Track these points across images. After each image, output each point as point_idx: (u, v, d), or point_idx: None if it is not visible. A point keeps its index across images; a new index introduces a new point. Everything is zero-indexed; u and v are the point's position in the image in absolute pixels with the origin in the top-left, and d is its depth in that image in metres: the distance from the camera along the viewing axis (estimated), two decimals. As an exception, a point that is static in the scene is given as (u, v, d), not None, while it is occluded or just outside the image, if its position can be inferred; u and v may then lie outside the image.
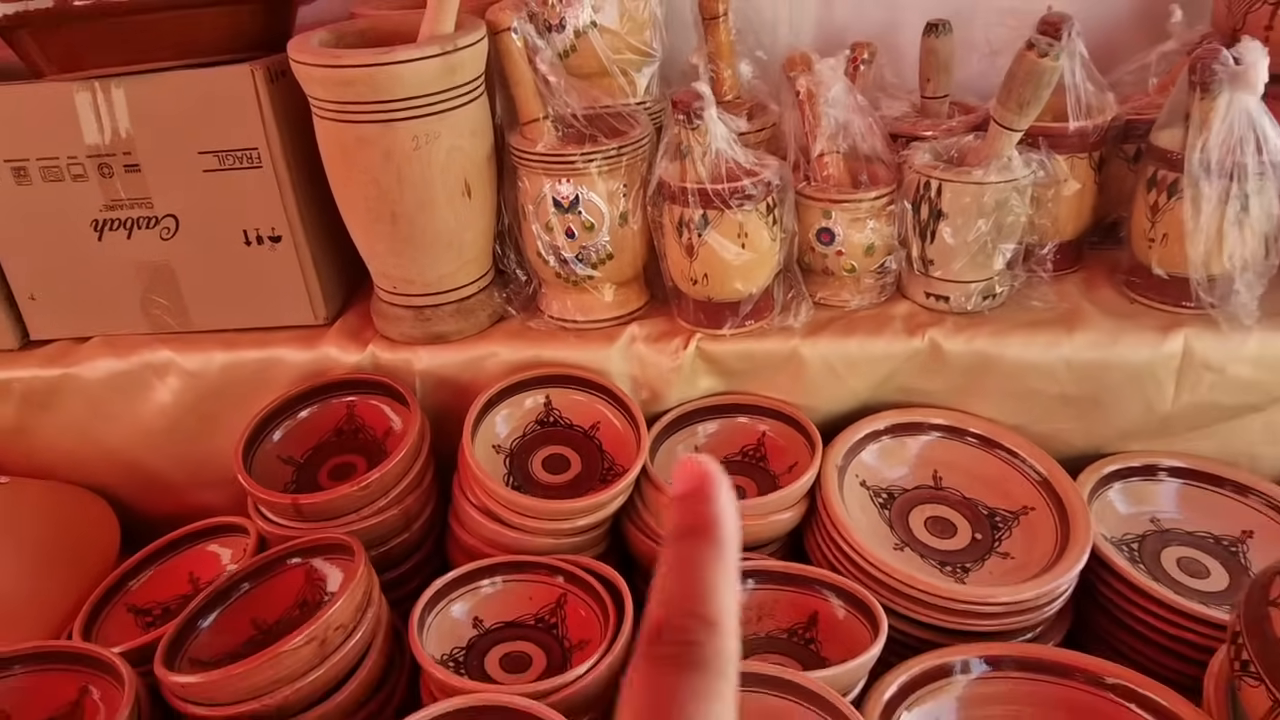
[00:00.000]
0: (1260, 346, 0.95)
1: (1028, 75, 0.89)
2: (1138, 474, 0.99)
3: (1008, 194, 0.95)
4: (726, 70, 1.09)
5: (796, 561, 0.90)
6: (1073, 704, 0.76)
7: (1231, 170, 0.89)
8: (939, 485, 1.00)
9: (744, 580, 0.86)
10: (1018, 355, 0.98)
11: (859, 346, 1.00)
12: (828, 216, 1.01)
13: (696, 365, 1.02)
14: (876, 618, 0.79)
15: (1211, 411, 0.99)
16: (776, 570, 0.86)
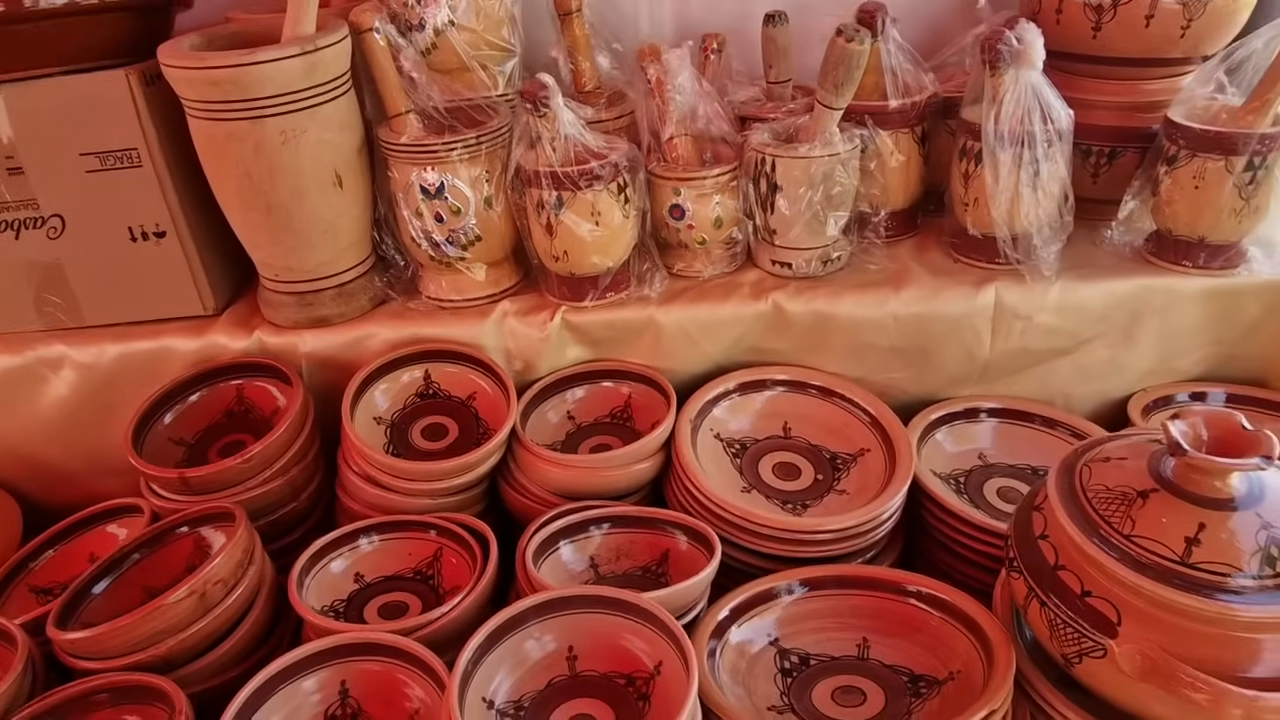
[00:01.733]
0: (1061, 296, 1.07)
1: (839, 59, 0.99)
2: (961, 417, 1.11)
3: (833, 166, 1.05)
4: (584, 62, 1.17)
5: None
6: (881, 612, 0.86)
7: (1022, 138, 1.01)
8: (788, 435, 1.10)
9: (603, 525, 0.94)
10: (851, 313, 1.08)
11: (710, 312, 1.09)
12: (677, 194, 1.10)
13: (563, 336, 1.10)
14: (713, 546, 0.88)
15: (1025, 356, 1.10)
16: (632, 515, 0.95)
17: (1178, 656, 0.67)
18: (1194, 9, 1.03)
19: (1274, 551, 0.67)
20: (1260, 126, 0.97)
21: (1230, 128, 0.99)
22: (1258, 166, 0.98)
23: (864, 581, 0.88)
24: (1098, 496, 0.73)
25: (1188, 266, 1.06)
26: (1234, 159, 0.98)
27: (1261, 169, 0.98)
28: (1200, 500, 0.69)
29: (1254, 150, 0.97)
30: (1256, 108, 0.98)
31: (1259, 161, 0.98)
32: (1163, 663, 0.66)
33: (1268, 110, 0.97)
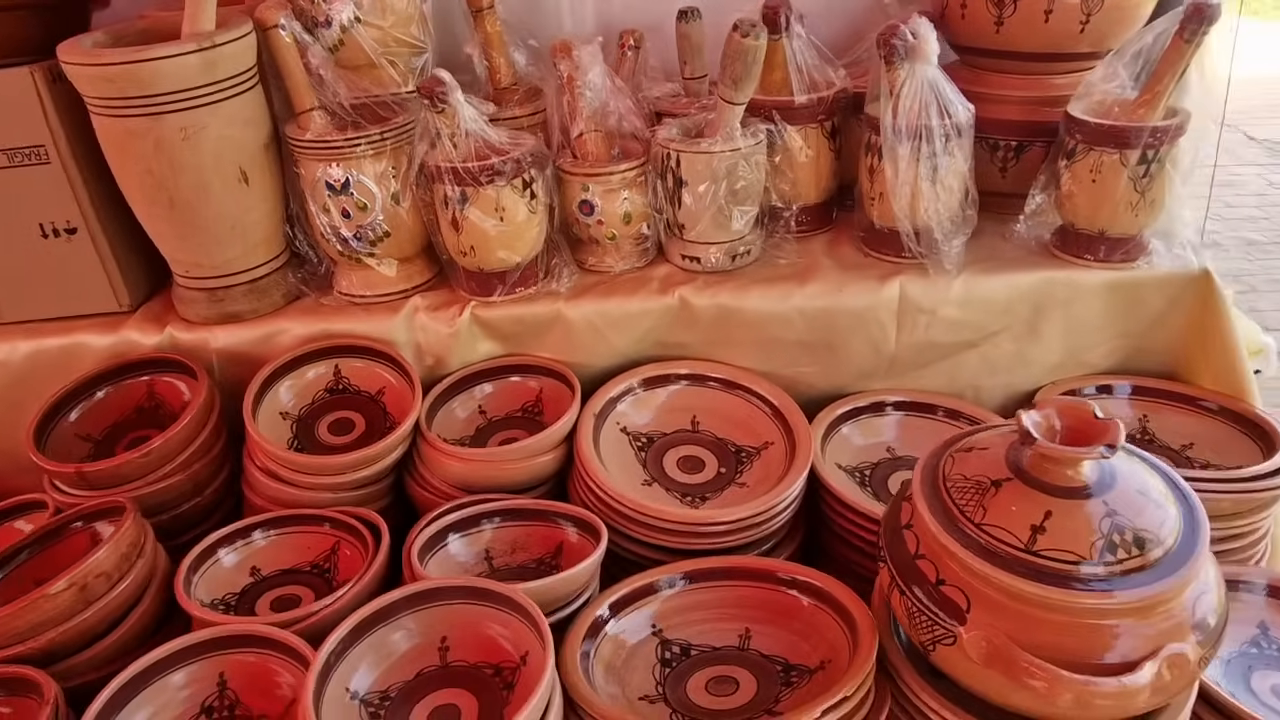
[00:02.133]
0: (965, 289, 1.07)
1: (735, 54, 1.00)
2: (867, 411, 1.11)
3: (735, 161, 1.06)
4: (499, 59, 1.18)
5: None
6: (762, 602, 0.87)
7: (920, 133, 1.01)
8: (696, 428, 1.10)
9: (495, 519, 0.95)
10: (756, 307, 1.08)
11: (617, 307, 1.10)
12: (586, 190, 1.10)
13: (473, 331, 1.11)
14: (599, 537, 0.89)
15: (931, 350, 1.11)
16: (523, 508, 0.96)
17: (1025, 643, 0.67)
18: (1092, 4, 1.03)
19: (1117, 539, 0.67)
20: (1151, 120, 0.98)
21: (1123, 121, 0.99)
22: (1151, 160, 0.99)
23: (745, 572, 0.89)
24: (956, 486, 0.74)
25: (1089, 260, 1.07)
26: (1128, 152, 0.99)
27: (1155, 162, 0.99)
28: (1050, 489, 0.70)
29: (1146, 144, 0.98)
30: (1147, 101, 0.98)
31: (1152, 155, 0.99)
32: (1004, 649, 0.67)
33: (1158, 104, 0.98)
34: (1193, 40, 0.93)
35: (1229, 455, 1.05)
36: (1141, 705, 0.66)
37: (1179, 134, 0.98)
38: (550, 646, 0.70)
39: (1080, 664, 0.66)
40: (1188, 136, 1.00)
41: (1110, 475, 0.71)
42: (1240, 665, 0.90)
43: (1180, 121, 0.98)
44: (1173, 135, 0.98)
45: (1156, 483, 0.72)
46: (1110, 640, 0.66)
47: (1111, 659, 0.66)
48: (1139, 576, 0.66)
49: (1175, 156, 0.99)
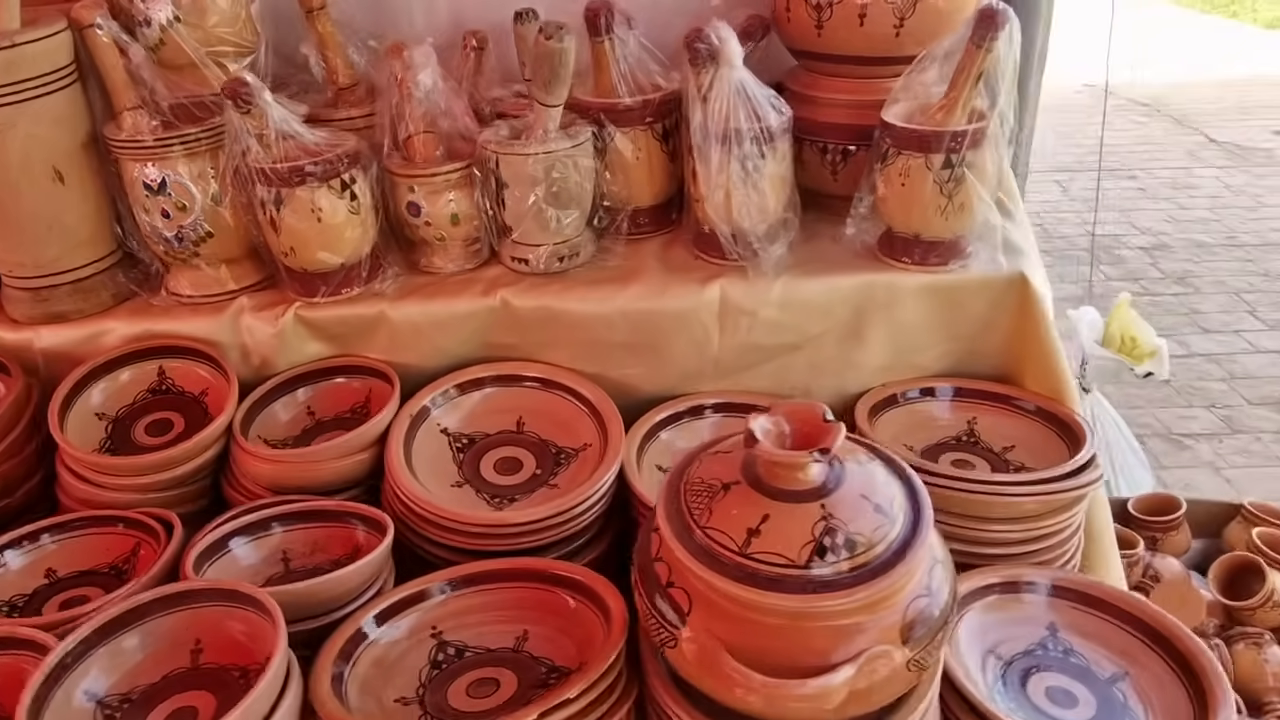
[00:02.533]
0: (784, 292, 1.08)
1: (542, 57, 1.00)
2: (687, 414, 1.12)
3: (552, 163, 1.06)
4: (335, 59, 1.18)
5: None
6: (539, 603, 0.87)
7: (729, 135, 1.01)
8: (520, 429, 1.11)
9: (286, 522, 0.95)
10: (578, 309, 1.09)
11: (442, 308, 1.10)
12: (412, 191, 1.11)
13: (298, 332, 1.11)
14: (384, 530, 0.90)
15: (756, 352, 1.11)
16: (318, 509, 0.96)
17: (740, 645, 0.68)
18: (904, 8, 1.04)
19: (828, 542, 0.68)
20: (952, 124, 0.98)
21: (926, 125, 1.00)
22: (955, 164, 0.99)
23: (521, 573, 0.89)
24: (692, 489, 0.74)
25: (907, 263, 1.07)
26: (932, 156, 0.99)
27: (960, 166, 1.00)
28: (771, 492, 0.70)
29: (949, 147, 0.98)
30: (946, 105, 0.99)
31: (956, 159, 0.99)
32: (711, 651, 0.67)
33: (957, 108, 0.98)
34: (983, 45, 0.93)
35: (1045, 457, 1.05)
36: (840, 707, 0.66)
37: (979, 139, 0.98)
38: (281, 648, 0.71)
39: (789, 666, 0.67)
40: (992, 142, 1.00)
41: (836, 479, 0.71)
42: (1022, 666, 0.90)
43: (981, 127, 0.98)
44: (972, 140, 0.98)
45: (888, 486, 0.73)
46: (814, 643, 0.67)
47: (816, 661, 0.66)
48: (844, 579, 0.66)
49: (979, 161, 0.99)
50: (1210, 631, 1.35)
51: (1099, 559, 1.11)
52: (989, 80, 0.96)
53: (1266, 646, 1.29)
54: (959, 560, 0.98)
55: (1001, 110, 0.97)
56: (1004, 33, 0.92)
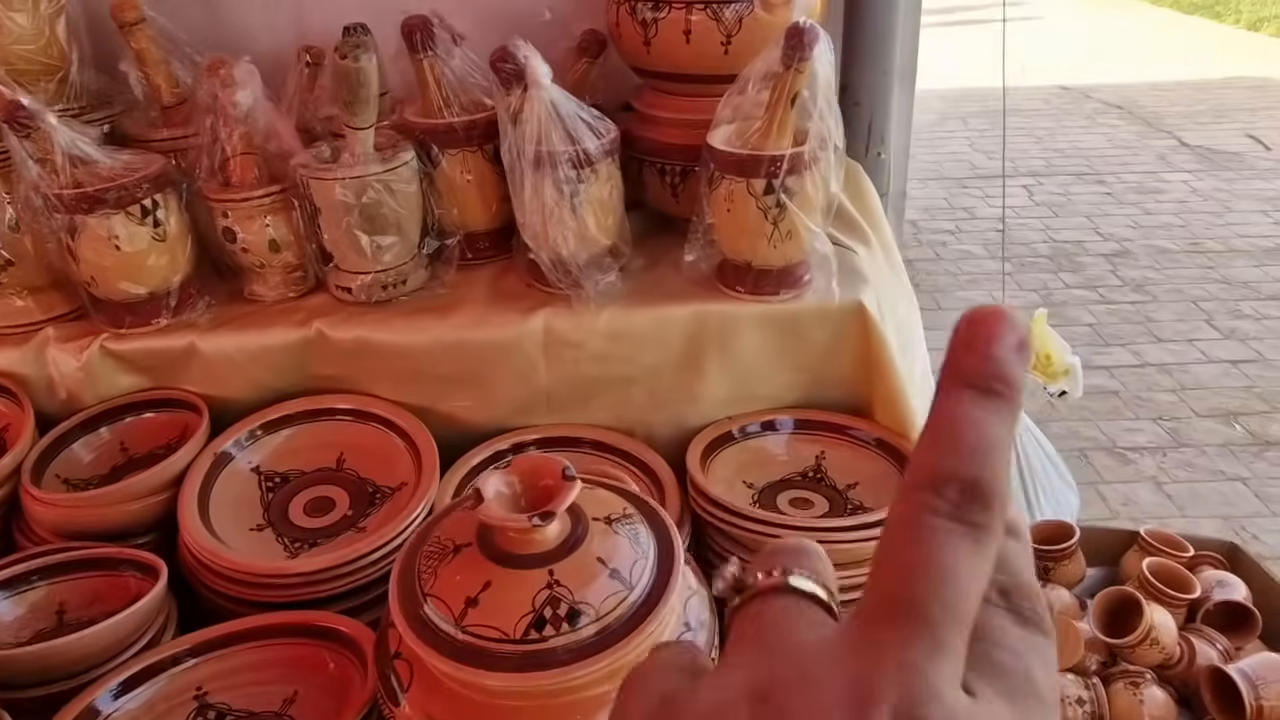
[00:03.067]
0: (612, 322, 1.02)
1: (339, 78, 0.95)
2: (509, 451, 1.06)
3: (364, 188, 1.01)
4: (157, 76, 1.13)
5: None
6: (306, 661, 0.82)
7: (543, 159, 0.96)
8: (340, 466, 1.05)
9: (53, 573, 0.90)
10: (395, 340, 1.04)
11: (254, 339, 1.05)
12: (226, 216, 1.05)
13: (107, 364, 1.06)
14: (157, 575, 0.85)
15: (588, 384, 1.06)
16: (88, 557, 0.90)
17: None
18: (731, 25, 0.99)
19: (548, 614, 0.62)
20: (769, 148, 0.93)
21: (744, 149, 0.95)
22: (778, 190, 0.94)
23: (286, 629, 0.83)
24: (429, 549, 0.69)
25: (741, 292, 1.02)
26: (754, 181, 0.94)
27: (783, 192, 0.94)
28: (498, 556, 0.65)
29: (767, 172, 0.93)
30: (762, 129, 0.94)
31: (777, 185, 0.94)
32: (416, 735, 0.62)
33: (773, 131, 0.93)
34: (793, 66, 0.88)
35: (887, 493, 1.00)
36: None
37: (798, 164, 0.93)
38: None
39: (503, 750, 0.62)
40: (821, 166, 0.95)
41: (573, 542, 0.66)
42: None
43: (802, 152, 0.93)
44: (791, 165, 0.93)
45: (638, 547, 0.67)
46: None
47: (528, 746, 0.61)
48: (561, 656, 0.61)
49: (801, 187, 0.94)
50: (1091, 669, 1.30)
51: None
52: (804, 102, 0.91)
53: (1145, 686, 1.23)
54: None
55: (823, 133, 0.92)
56: (815, 52, 0.87)
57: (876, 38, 1.15)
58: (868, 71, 1.18)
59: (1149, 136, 5.63)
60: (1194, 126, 5.78)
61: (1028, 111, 6.15)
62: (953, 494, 0.22)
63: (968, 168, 5.15)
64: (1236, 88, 6.52)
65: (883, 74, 1.17)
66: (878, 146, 1.22)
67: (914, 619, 0.21)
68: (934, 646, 0.21)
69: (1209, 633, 1.33)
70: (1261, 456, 2.69)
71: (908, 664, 0.21)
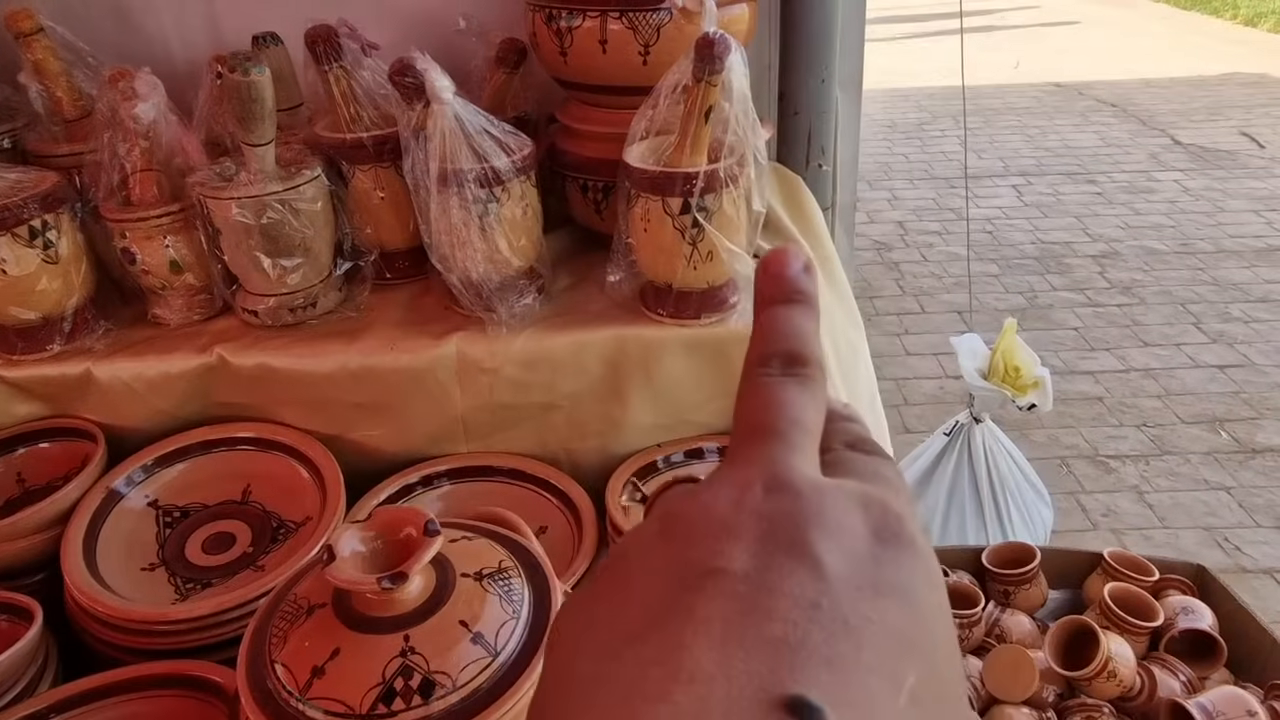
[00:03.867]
0: (527, 347, 0.97)
1: (229, 92, 0.90)
2: (419, 485, 1.01)
3: (263, 207, 0.95)
4: (58, 89, 1.08)
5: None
6: (176, 712, 0.77)
7: (449, 177, 0.91)
8: (246, 499, 1.00)
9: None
10: (300, 366, 0.98)
11: (152, 366, 1.00)
12: (124, 236, 1.00)
13: (1, 391, 1.01)
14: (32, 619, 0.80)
15: (506, 412, 1.01)
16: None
17: (299, 806, 0.57)
18: (648, 35, 0.93)
19: (399, 685, 0.57)
20: (683, 165, 0.88)
21: (657, 166, 0.89)
22: (693, 209, 0.89)
23: (163, 680, 0.78)
24: (286, 608, 0.63)
25: (662, 315, 0.97)
26: (669, 200, 0.89)
27: (699, 211, 0.89)
28: (351, 619, 0.60)
29: (683, 191, 0.88)
30: (677, 144, 0.88)
31: (693, 204, 0.88)
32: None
33: (686, 147, 0.87)
34: (704, 79, 0.82)
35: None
36: None
37: (715, 181, 0.87)
38: None
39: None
40: (743, 185, 0.89)
41: (436, 601, 0.61)
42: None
43: (717, 168, 0.87)
44: (707, 183, 0.87)
45: (508, 606, 0.62)
46: (373, 809, 0.56)
47: (378, 832, 0.56)
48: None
49: (719, 206, 0.89)
50: (1048, 701, 1.24)
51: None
52: (721, 116, 0.85)
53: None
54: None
55: (741, 148, 0.86)
56: (727, 63, 0.81)
57: (814, 44, 1.10)
58: (806, 79, 1.12)
59: (1142, 135, 5.56)
60: (1188, 124, 5.71)
61: (1019, 109, 6.09)
62: (777, 363, 0.29)
63: (958, 168, 5.09)
64: (1232, 84, 6.46)
65: (820, 81, 1.12)
66: (818, 158, 1.17)
67: (768, 433, 0.27)
68: (788, 447, 0.27)
69: (1172, 662, 1.27)
70: (1247, 465, 2.63)
71: (770, 458, 0.27)
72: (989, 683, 1.23)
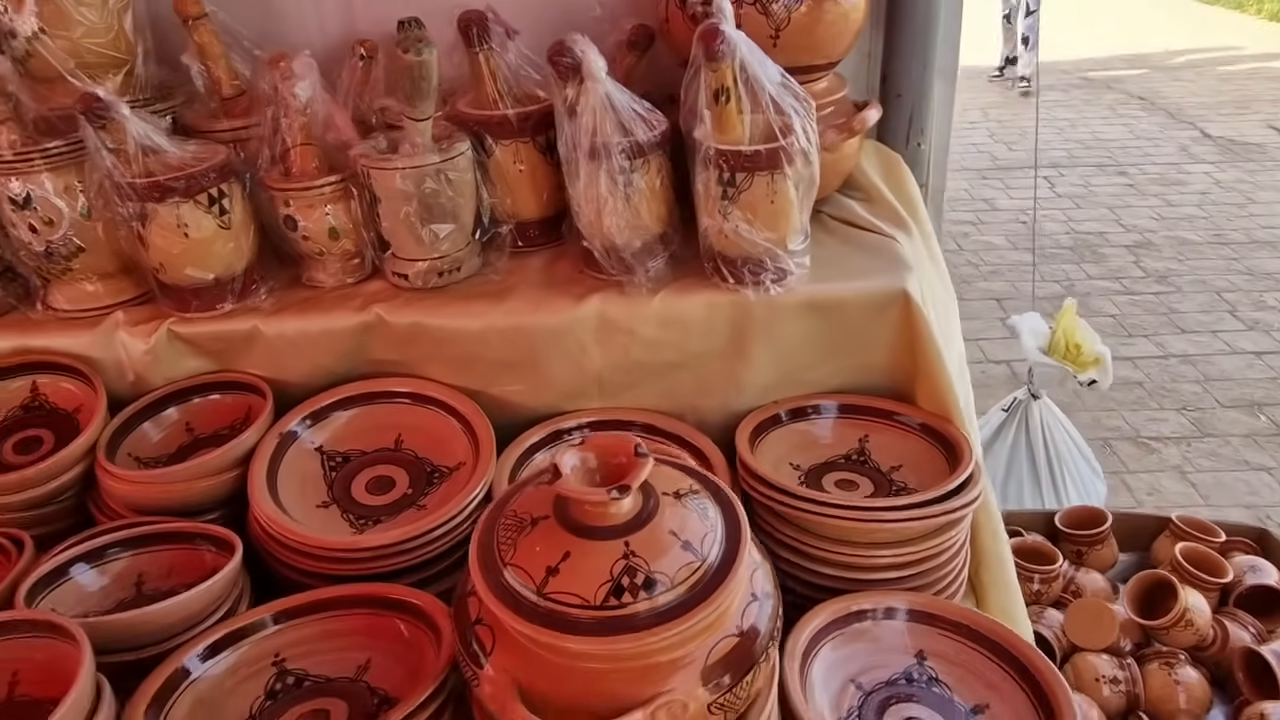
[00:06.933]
0: (662, 309, 1.05)
1: (401, 72, 0.98)
2: (563, 434, 1.09)
3: (422, 177, 1.04)
4: (218, 69, 1.16)
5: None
6: (372, 628, 0.86)
7: (598, 150, 0.99)
8: (398, 447, 1.09)
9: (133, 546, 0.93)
10: (450, 325, 1.07)
11: (316, 324, 1.08)
12: (287, 205, 1.09)
13: (174, 347, 1.09)
14: (233, 550, 0.88)
15: (638, 370, 1.09)
16: (165, 531, 0.94)
17: (537, 687, 0.66)
18: (779, 20, 1.01)
19: (625, 582, 0.65)
20: (712, 142, 0.96)
21: (706, 140, 0.97)
22: (724, 183, 0.97)
23: (360, 600, 0.87)
24: (506, 521, 0.72)
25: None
26: (709, 173, 0.97)
27: (729, 185, 0.97)
28: (575, 528, 0.68)
29: (717, 165, 0.96)
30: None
31: (741, 178, 0.96)
32: (503, 695, 0.65)
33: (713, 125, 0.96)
34: (710, 65, 0.91)
35: (930, 475, 1.03)
36: (628, 755, 0.64)
37: (739, 160, 0.95)
38: (81, 680, 0.69)
39: (584, 709, 0.65)
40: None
41: (646, 515, 0.69)
42: (882, 696, 0.88)
43: (741, 149, 0.95)
44: (732, 160, 0.95)
45: (702, 523, 0.70)
46: (608, 686, 0.65)
47: (610, 705, 0.64)
48: (640, 621, 0.64)
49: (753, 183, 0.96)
50: (1125, 650, 1.32)
51: (989, 579, 1.08)
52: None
53: (1179, 667, 1.26)
54: (832, 585, 0.96)
55: (796, 129, 0.94)
56: (722, 51, 0.90)
57: (919, 31, 1.17)
58: (910, 64, 1.20)
59: (1171, 127, 5.60)
60: (1216, 117, 5.75)
61: (1048, 103, 6.12)
62: None
63: (989, 159, 5.15)
64: (1259, 79, 6.47)
65: (923, 66, 1.19)
66: (918, 138, 1.24)
67: None
68: None
69: (1241, 616, 1.35)
70: (1287, 448, 2.70)
71: None
72: (1071, 632, 1.31)
